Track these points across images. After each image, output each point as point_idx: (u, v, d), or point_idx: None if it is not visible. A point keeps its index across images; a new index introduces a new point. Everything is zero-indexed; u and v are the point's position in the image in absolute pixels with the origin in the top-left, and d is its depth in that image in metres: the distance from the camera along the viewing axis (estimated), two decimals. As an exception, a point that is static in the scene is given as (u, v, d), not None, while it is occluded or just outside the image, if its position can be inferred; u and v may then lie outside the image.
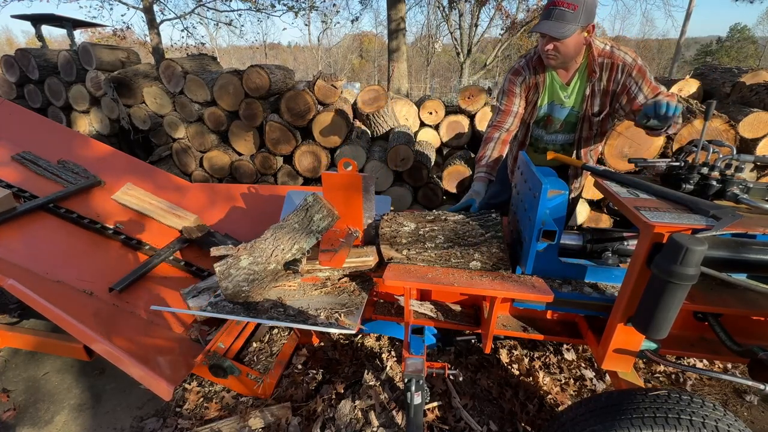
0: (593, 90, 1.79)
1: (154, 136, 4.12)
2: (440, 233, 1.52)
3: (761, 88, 2.90)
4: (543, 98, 1.92)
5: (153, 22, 11.40)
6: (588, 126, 1.90)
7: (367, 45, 36.88)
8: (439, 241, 1.51)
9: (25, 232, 1.97)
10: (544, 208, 1.34)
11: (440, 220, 1.56)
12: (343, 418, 1.69)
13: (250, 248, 1.60)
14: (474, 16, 14.03)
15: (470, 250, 1.47)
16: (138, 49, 9.54)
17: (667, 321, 1.01)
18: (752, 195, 1.27)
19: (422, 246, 1.52)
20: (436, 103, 3.72)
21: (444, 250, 1.50)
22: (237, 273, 1.55)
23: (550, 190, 1.32)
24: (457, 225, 1.53)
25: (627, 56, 1.71)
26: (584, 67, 1.78)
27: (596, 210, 3.07)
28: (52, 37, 35.06)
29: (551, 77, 1.88)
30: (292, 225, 1.68)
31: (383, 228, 1.58)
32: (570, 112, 1.90)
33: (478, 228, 1.49)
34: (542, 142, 2.05)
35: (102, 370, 2.13)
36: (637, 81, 1.69)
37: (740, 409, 1.92)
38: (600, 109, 1.83)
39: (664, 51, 31.88)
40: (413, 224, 1.56)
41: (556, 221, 1.36)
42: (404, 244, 1.54)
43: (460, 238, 1.49)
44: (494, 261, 1.46)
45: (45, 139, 2.52)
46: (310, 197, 1.71)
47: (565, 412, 1.26)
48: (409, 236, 1.54)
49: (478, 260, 1.48)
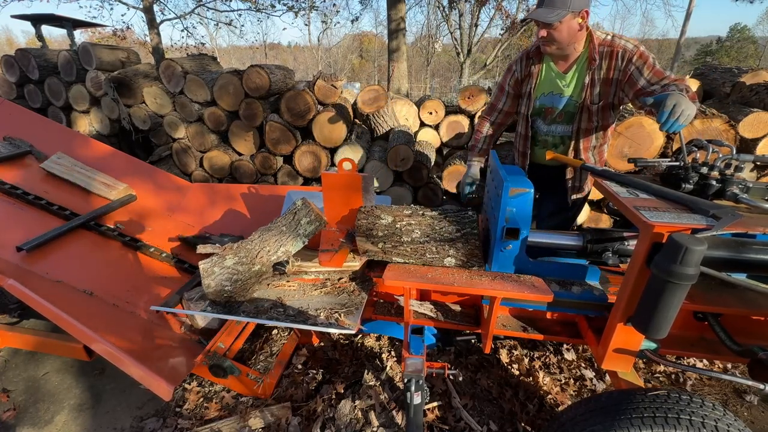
0: (593, 79, 1.78)
1: (154, 136, 4.11)
2: (417, 228, 1.52)
3: (761, 88, 2.90)
4: (537, 89, 1.93)
5: (153, 22, 11.40)
6: (587, 116, 1.87)
7: (367, 45, 36.88)
8: (416, 235, 1.52)
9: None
10: (506, 206, 1.36)
11: (417, 215, 1.56)
12: (343, 418, 1.70)
13: (237, 248, 1.62)
14: (474, 16, 14.02)
15: (446, 245, 1.49)
16: (138, 49, 9.54)
17: (667, 321, 1.01)
18: (752, 195, 1.27)
19: (398, 240, 1.53)
20: (436, 103, 3.72)
21: (420, 244, 1.51)
22: (221, 271, 1.56)
23: (512, 188, 1.34)
24: (434, 221, 1.53)
25: (628, 44, 1.69)
26: (584, 57, 1.78)
27: (596, 210, 3.07)
28: (52, 37, 35.08)
29: (547, 67, 1.89)
30: (279, 228, 1.70)
31: (360, 220, 1.59)
32: (569, 101, 1.88)
33: (454, 224, 1.50)
34: (541, 134, 2.04)
35: (102, 370, 2.13)
36: (638, 66, 1.66)
37: (740, 409, 1.92)
38: (600, 98, 1.81)
39: (664, 51, 31.86)
40: (390, 217, 1.57)
41: (521, 219, 1.37)
42: (380, 237, 1.55)
43: (436, 233, 1.50)
44: (468, 257, 1.49)
45: (45, 139, 2.51)
46: (299, 201, 1.74)
47: (565, 412, 1.26)
48: (386, 229, 1.55)
49: (452, 256, 1.50)
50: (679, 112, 1.32)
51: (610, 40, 1.73)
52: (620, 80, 1.73)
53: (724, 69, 3.55)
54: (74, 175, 2.36)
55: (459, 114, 3.66)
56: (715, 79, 3.48)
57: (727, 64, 3.69)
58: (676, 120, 1.33)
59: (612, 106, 1.84)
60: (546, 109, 1.94)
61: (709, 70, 3.71)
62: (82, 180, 2.36)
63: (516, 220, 1.37)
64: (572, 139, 1.95)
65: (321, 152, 3.39)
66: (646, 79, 1.65)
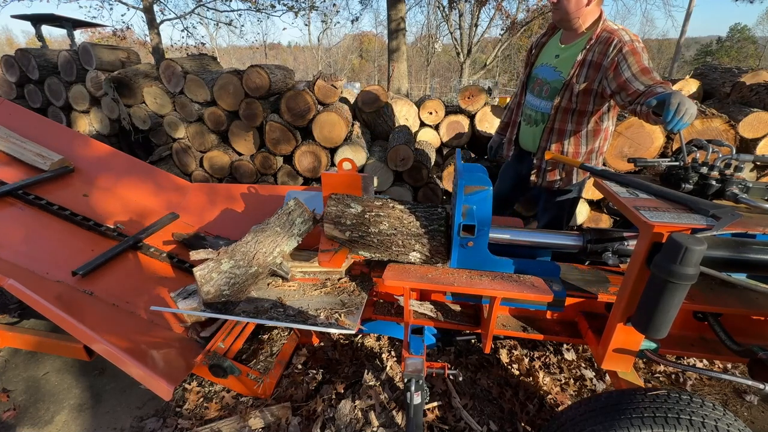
0: (585, 59, 1.80)
1: (154, 136, 4.11)
2: (386, 220, 1.53)
3: (761, 88, 2.90)
4: (539, 59, 2.05)
5: (153, 22, 11.41)
6: (569, 96, 1.86)
7: (367, 45, 36.89)
8: (384, 227, 1.52)
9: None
10: (462, 202, 1.38)
11: (387, 207, 1.57)
12: (343, 418, 1.69)
13: (232, 251, 1.60)
14: (474, 16, 14.03)
15: (412, 240, 1.50)
16: (138, 49, 9.55)
17: (667, 321, 1.01)
18: (752, 194, 1.27)
19: (365, 230, 1.54)
20: (436, 103, 3.72)
21: (387, 236, 1.52)
22: (218, 277, 1.54)
23: (467, 185, 1.36)
24: (403, 214, 1.54)
25: (626, 35, 1.70)
26: (587, 36, 1.82)
27: (596, 210, 3.07)
28: (52, 37, 35.07)
29: (554, 40, 2.00)
30: (273, 228, 1.69)
31: (329, 207, 1.60)
32: (557, 76, 1.92)
33: (422, 219, 1.52)
34: (528, 106, 2.10)
35: (102, 370, 2.13)
36: (626, 57, 1.66)
37: (740, 409, 1.92)
38: (585, 80, 1.81)
39: (664, 51, 31.88)
40: (360, 207, 1.57)
41: (479, 216, 1.38)
42: (348, 225, 1.56)
43: (404, 227, 1.52)
44: (432, 254, 1.50)
45: (45, 139, 2.51)
46: (291, 201, 1.74)
47: (565, 412, 1.26)
48: (354, 218, 1.56)
49: (418, 251, 1.51)
50: (683, 110, 1.32)
51: (613, 28, 1.75)
52: (607, 68, 1.73)
53: (724, 69, 3.55)
54: (8, 146, 2.33)
55: (459, 114, 3.66)
56: (715, 79, 3.48)
57: (727, 64, 3.69)
58: (680, 119, 1.33)
59: (594, 92, 1.83)
60: (537, 80, 2.02)
61: (709, 70, 3.71)
62: (16, 151, 2.33)
63: (473, 216, 1.37)
64: (551, 119, 1.95)
65: (321, 152, 3.39)
66: (631, 72, 1.64)
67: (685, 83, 3.51)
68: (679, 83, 3.53)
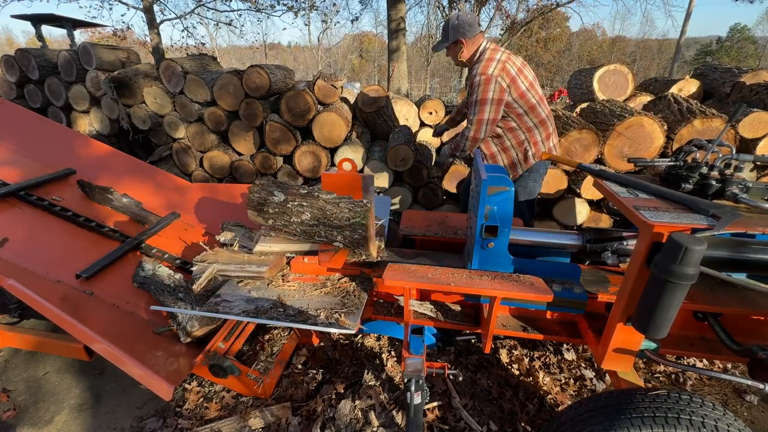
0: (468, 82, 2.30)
1: (154, 136, 4.11)
2: (308, 210, 1.55)
3: (761, 88, 2.90)
4: None
5: (153, 22, 11.40)
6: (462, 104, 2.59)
7: (367, 45, 36.89)
8: (305, 217, 1.55)
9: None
10: (485, 203, 1.38)
11: (312, 197, 1.58)
12: (343, 418, 1.69)
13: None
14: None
15: (334, 232, 1.53)
16: (138, 49, 9.55)
17: (667, 320, 1.01)
18: (752, 194, 1.27)
19: (287, 219, 1.56)
20: (436, 103, 3.72)
21: (309, 227, 1.55)
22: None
23: (490, 186, 1.36)
24: (327, 205, 1.55)
25: (477, 68, 2.10)
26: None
27: (596, 210, 3.07)
28: (52, 37, 35.05)
29: None
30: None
31: (252, 194, 1.62)
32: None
33: (346, 212, 1.53)
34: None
35: (102, 370, 2.13)
36: (471, 88, 2.14)
37: (740, 408, 1.92)
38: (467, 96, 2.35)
39: (664, 51, 31.87)
40: (283, 196, 1.58)
41: (501, 217, 1.38)
42: (271, 213, 1.58)
43: (327, 218, 1.54)
44: (354, 246, 1.54)
45: (45, 139, 2.51)
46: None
47: (565, 412, 1.26)
48: (277, 207, 1.57)
49: (340, 242, 1.55)
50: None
51: (481, 59, 2.14)
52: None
53: (724, 69, 3.54)
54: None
55: (459, 114, 3.65)
56: (715, 79, 3.47)
57: (727, 64, 3.68)
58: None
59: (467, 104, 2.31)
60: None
61: (709, 70, 3.70)
62: None
63: (495, 217, 1.37)
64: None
65: (321, 152, 3.39)
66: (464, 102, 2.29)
67: (685, 83, 3.51)
68: (679, 83, 3.53)
